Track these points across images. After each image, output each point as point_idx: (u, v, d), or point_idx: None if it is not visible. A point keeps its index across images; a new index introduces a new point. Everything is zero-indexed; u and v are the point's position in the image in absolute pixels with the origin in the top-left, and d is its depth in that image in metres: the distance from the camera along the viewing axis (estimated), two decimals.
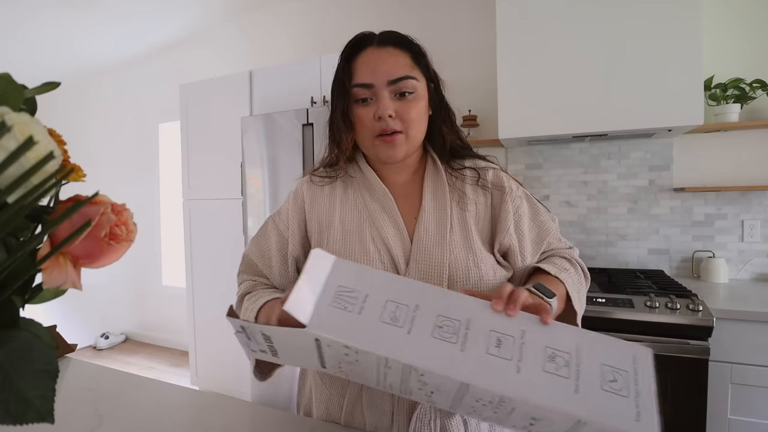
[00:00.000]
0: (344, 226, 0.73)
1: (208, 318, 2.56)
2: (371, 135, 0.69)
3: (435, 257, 0.67)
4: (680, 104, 1.64)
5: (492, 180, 0.74)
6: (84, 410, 0.74)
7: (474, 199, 0.73)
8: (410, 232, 0.71)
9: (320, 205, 0.76)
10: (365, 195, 0.74)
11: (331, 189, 0.77)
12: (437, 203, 0.72)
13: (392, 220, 0.71)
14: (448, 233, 0.69)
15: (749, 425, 1.40)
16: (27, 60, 3.18)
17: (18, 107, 0.29)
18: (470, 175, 0.74)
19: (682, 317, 1.40)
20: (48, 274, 0.30)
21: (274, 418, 0.73)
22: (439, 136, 0.75)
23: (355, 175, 0.77)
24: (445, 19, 2.39)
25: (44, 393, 0.28)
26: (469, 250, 0.68)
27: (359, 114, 0.69)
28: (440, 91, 0.75)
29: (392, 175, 0.76)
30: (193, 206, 2.60)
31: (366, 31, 0.72)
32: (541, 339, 0.47)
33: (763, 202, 1.86)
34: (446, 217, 0.70)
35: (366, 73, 0.68)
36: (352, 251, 0.70)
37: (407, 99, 0.68)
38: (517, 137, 1.89)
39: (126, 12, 2.72)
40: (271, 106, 2.28)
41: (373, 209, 0.73)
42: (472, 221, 0.71)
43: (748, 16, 1.86)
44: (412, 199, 0.74)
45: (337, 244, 0.72)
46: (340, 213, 0.74)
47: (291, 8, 2.83)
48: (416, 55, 0.71)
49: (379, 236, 0.70)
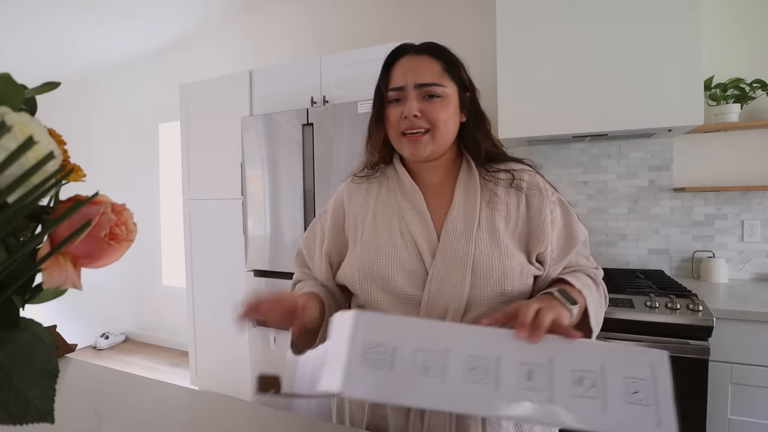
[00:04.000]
0: (376, 220, 0.78)
1: (208, 318, 2.56)
2: (397, 132, 0.74)
3: (460, 251, 0.70)
4: (680, 104, 1.64)
5: (528, 182, 0.76)
6: (84, 410, 0.74)
7: (506, 200, 0.75)
8: (438, 228, 0.74)
9: (357, 201, 0.82)
10: (398, 193, 0.79)
11: (368, 186, 0.83)
12: (468, 202, 0.75)
13: (420, 216, 0.75)
14: (475, 230, 0.72)
15: (749, 425, 1.40)
16: (27, 60, 3.18)
17: (18, 107, 0.29)
18: (504, 178, 0.77)
19: (682, 317, 1.40)
20: (48, 274, 0.30)
21: (274, 418, 0.73)
22: (474, 142, 0.78)
23: (390, 175, 0.82)
24: (445, 19, 2.39)
25: (44, 393, 0.28)
26: (495, 246, 0.71)
27: (389, 113, 0.75)
28: (476, 99, 0.79)
29: (426, 175, 0.80)
30: (193, 206, 2.60)
31: (407, 43, 0.78)
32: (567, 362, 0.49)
33: (763, 202, 1.86)
34: (475, 215, 0.73)
35: (399, 77, 0.74)
36: (381, 243, 0.75)
37: (434, 101, 0.72)
38: (517, 137, 1.89)
39: (126, 12, 2.72)
40: (271, 106, 2.28)
41: (404, 206, 0.77)
42: (501, 220, 0.73)
43: (748, 16, 1.86)
44: (443, 197, 0.77)
45: (368, 235, 0.77)
46: (374, 208, 0.80)
47: (291, 8, 2.83)
48: (449, 64, 0.75)
49: (408, 230, 0.74)
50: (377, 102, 0.78)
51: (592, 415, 0.46)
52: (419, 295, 0.71)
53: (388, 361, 0.48)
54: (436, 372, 0.47)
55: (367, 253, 0.75)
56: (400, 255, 0.72)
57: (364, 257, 0.75)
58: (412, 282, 0.71)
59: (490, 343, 0.50)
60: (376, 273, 0.73)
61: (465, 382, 0.47)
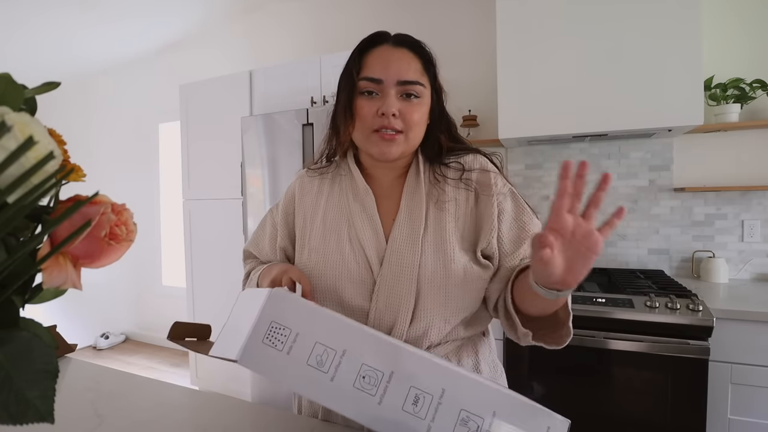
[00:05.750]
0: (325, 225, 0.75)
1: (208, 318, 2.55)
2: (369, 129, 0.69)
3: (407, 259, 0.68)
4: (680, 104, 1.64)
5: (477, 179, 0.73)
6: (84, 410, 0.74)
7: (454, 197, 0.72)
8: (387, 233, 0.71)
9: (308, 200, 0.79)
10: (349, 194, 0.75)
11: (320, 183, 0.79)
12: (414, 204, 0.72)
13: (370, 222, 0.72)
14: (421, 234, 0.69)
15: (749, 425, 1.40)
16: (26, 60, 3.18)
17: (18, 107, 0.29)
18: (453, 174, 0.74)
19: (682, 317, 1.40)
20: (48, 274, 0.30)
21: (274, 418, 0.73)
22: (436, 143, 0.75)
23: (344, 172, 0.78)
24: (445, 19, 2.39)
25: (44, 393, 0.28)
26: (438, 252, 0.68)
27: (362, 106, 0.69)
28: (441, 101, 0.75)
29: (380, 174, 0.76)
30: (193, 206, 2.60)
31: (383, 30, 0.73)
32: (459, 399, 0.47)
33: (763, 202, 1.86)
34: (421, 218, 0.70)
35: (377, 68, 0.69)
36: (329, 250, 0.72)
37: (412, 101, 0.69)
38: (517, 137, 1.89)
39: (126, 12, 2.72)
40: (271, 106, 2.28)
41: (354, 209, 0.74)
42: (450, 219, 0.71)
43: (748, 16, 1.86)
44: (393, 200, 0.75)
45: (316, 240, 0.74)
46: (324, 210, 0.76)
47: (291, 8, 2.83)
48: (427, 63, 0.72)
49: (357, 237, 0.72)
50: (345, 89, 0.71)
51: None
52: (367, 306, 0.69)
53: (288, 345, 0.48)
54: (328, 368, 0.47)
55: (315, 259, 0.73)
56: (349, 265, 0.70)
57: (312, 264, 0.73)
58: (360, 293, 0.69)
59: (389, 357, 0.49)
60: (323, 283, 0.71)
61: (352, 387, 0.47)
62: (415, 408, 0.46)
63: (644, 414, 1.44)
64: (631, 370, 1.45)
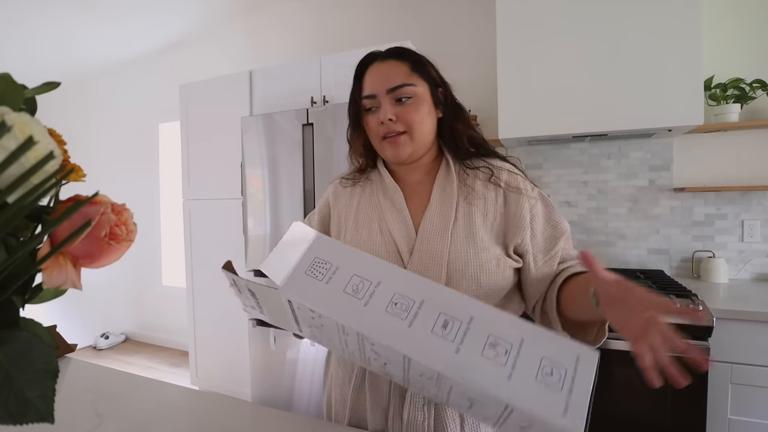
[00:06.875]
0: (358, 221, 0.81)
1: (208, 318, 2.56)
2: (378, 138, 0.77)
3: (436, 248, 0.72)
4: (680, 104, 1.64)
5: (506, 180, 0.76)
6: (84, 410, 0.74)
7: (483, 195, 0.76)
8: (417, 225, 0.76)
9: (342, 202, 0.86)
10: (379, 193, 0.82)
11: (353, 190, 0.87)
12: (445, 198, 0.76)
13: (400, 215, 0.77)
14: (451, 225, 0.73)
15: (749, 425, 1.40)
16: (26, 60, 3.18)
17: (18, 107, 0.29)
18: (483, 172, 0.78)
19: (682, 317, 1.40)
20: (48, 274, 0.30)
21: (274, 418, 0.73)
22: (454, 134, 0.80)
23: (375, 178, 0.86)
24: (446, 19, 2.39)
25: (44, 393, 0.28)
26: (470, 241, 0.72)
27: (368, 121, 0.79)
28: (449, 93, 0.81)
29: (407, 175, 0.82)
30: (193, 206, 2.60)
31: (374, 50, 0.81)
32: (487, 327, 0.49)
33: (763, 202, 1.86)
34: (452, 211, 0.74)
35: (370, 85, 0.77)
36: (361, 241, 0.77)
37: (405, 103, 0.75)
38: (517, 137, 1.89)
39: (125, 12, 2.72)
40: (271, 106, 2.28)
41: (384, 205, 0.79)
42: (479, 215, 0.74)
43: (748, 16, 1.86)
44: (423, 196, 0.79)
45: (349, 234, 0.80)
46: (357, 209, 0.83)
47: (291, 8, 2.83)
48: (415, 63, 0.77)
49: (387, 229, 0.76)
50: (353, 111, 0.82)
51: (493, 379, 0.44)
52: None
53: (327, 276, 0.52)
54: (363, 296, 0.50)
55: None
56: (380, 254, 0.74)
57: None
58: None
59: (422, 289, 0.52)
60: None
61: (384, 312, 0.49)
62: (444, 331, 0.48)
63: (644, 414, 1.44)
64: (631, 370, 1.46)
